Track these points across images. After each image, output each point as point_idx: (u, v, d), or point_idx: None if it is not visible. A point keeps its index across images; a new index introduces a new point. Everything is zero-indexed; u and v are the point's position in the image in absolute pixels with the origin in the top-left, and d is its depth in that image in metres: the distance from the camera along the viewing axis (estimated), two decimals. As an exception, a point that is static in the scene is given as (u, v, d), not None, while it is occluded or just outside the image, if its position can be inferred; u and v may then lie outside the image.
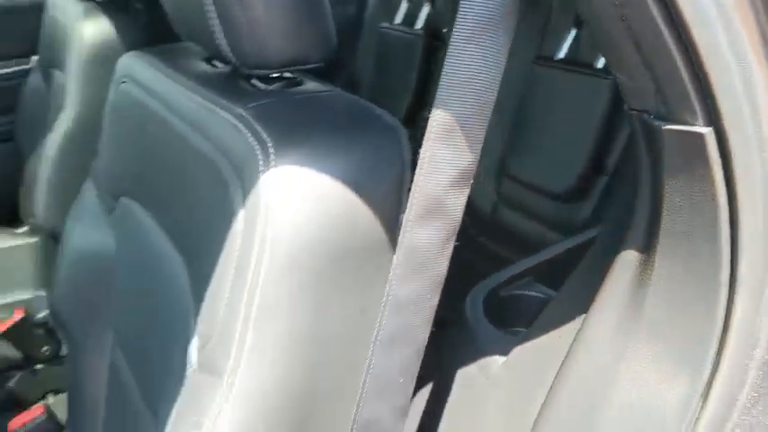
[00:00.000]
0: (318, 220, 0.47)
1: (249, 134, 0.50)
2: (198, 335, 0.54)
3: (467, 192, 0.41)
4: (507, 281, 0.79)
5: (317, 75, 0.65)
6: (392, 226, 0.47)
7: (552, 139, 1.36)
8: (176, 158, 0.64)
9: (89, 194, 0.89)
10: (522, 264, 0.82)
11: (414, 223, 0.40)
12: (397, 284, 0.42)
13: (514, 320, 0.72)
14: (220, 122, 0.55)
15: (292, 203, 0.46)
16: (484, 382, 0.61)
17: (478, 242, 1.59)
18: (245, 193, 0.49)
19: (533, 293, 0.76)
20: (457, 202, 0.41)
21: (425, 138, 0.39)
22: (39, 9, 1.64)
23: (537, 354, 0.55)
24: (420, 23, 1.63)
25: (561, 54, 1.34)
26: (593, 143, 1.21)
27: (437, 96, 0.37)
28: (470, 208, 1.57)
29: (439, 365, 0.69)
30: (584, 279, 0.48)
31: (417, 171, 0.40)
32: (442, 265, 0.43)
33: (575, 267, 0.56)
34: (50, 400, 1.29)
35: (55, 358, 1.32)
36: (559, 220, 1.27)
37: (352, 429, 0.46)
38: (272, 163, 0.47)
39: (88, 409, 0.89)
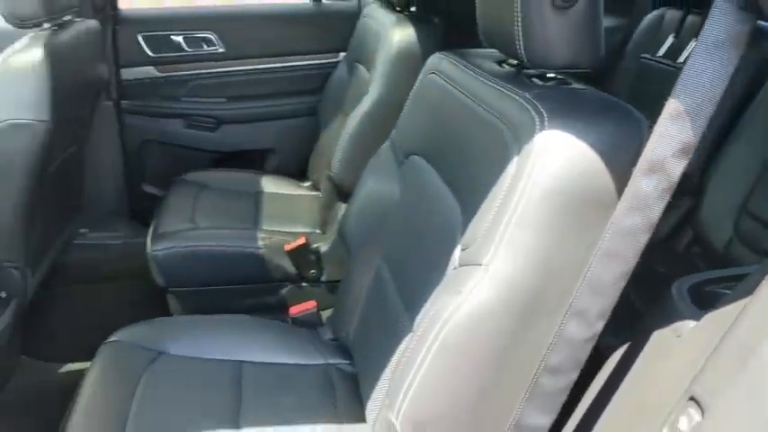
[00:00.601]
0: (571, 169, 0.66)
1: (531, 109, 0.72)
2: (461, 244, 0.78)
3: (684, 162, 0.57)
4: (716, 279, 0.89)
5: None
6: (624, 185, 0.61)
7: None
8: (465, 127, 0.89)
9: (385, 153, 1.21)
10: (735, 270, 0.91)
11: (640, 175, 0.57)
12: (619, 216, 0.59)
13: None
14: (508, 101, 0.78)
15: (555, 155, 0.67)
16: (674, 340, 0.74)
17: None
18: (520, 147, 0.70)
19: (738, 295, 0.85)
20: (675, 167, 0.57)
21: (660, 116, 0.56)
22: (354, 16, 2.08)
23: (722, 318, 0.67)
24: (683, 57, 1.70)
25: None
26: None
27: (674, 87, 0.54)
28: (703, 242, 1.60)
29: (638, 328, 0.83)
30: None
31: (650, 140, 0.57)
32: (655, 212, 0.59)
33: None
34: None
35: (316, 281, 1.70)
36: (791, 261, 1.27)
37: (565, 313, 0.64)
38: (546, 127, 0.68)
39: (350, 306, 1.21)
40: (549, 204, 0.67)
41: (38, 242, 1.64)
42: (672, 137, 0.55)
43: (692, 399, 0.62)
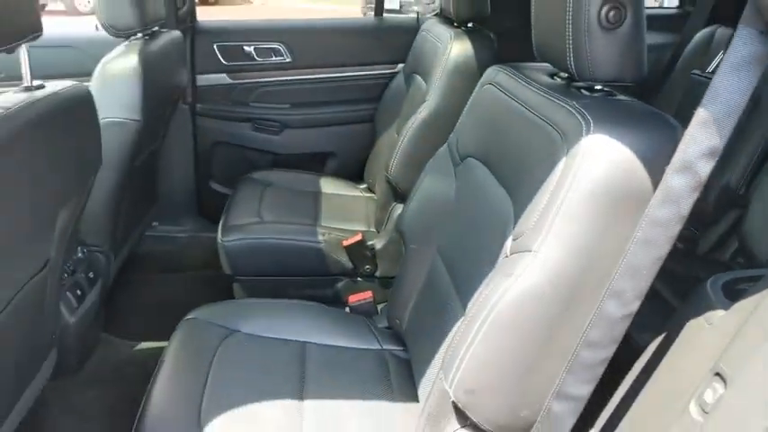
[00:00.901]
0: (613, 170, 0.76)
1: (579, 116, 0.82)
2: (513, 235, 0.88)
3: (712, 163, 0.65)
4: (748, 278, 0.96)
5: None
6: (659, 183, 0.67)
7: None
8: (519, 132, 0.99)
9: (442, 155, 1.32)
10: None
11: (672, 173, 0.66)
12: (653, 209, 0.68)
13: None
14: (558, 109, 0.88)
15: (599, 157, 0.76)
16: (706, 326, 0.82)
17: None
18: (568, 150, 0.80)
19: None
20: (703, 168, 0.65)
21: (690, 123, 0.65)
22: (413, 30, 2.21)
23: (748, 305, 0.75)
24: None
25: None
26: None
27: (703, 98, 0.63)
28: (747, 253, 1.66)
29: (672, 318, 0.91)
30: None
31: (681, 143, 0.66)
32: (684, 206, 0.66)
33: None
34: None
35: (371, 276, 1.82)
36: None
37: (604, 294, 0.73)
38: (592, 131, 0.78)
39: (404, 296, 1.31)
40: (594, 200, 0.77)
41: (121, 230, 1.82)
42: (700, 141, 0.64)
43: (717, 374, 0.71)
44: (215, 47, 2.25)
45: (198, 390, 1.14)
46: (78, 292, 1.57)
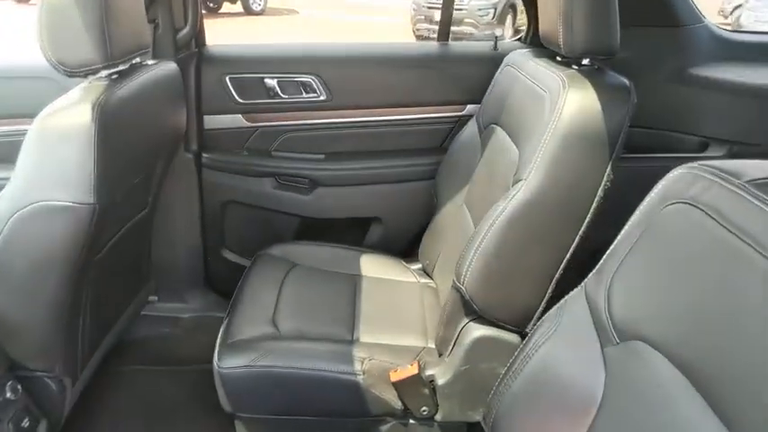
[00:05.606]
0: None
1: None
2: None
3: None
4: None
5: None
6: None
7: None
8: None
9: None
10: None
11: None
12: None
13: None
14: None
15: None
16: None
17: None
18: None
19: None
20: None
21: None
22: (490, 61, 1.66)
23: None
24: None
25: None
26: None
27: None
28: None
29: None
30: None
31: None
32: None
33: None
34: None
35: (428, 419, 1.25)
36: None
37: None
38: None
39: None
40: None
41: (86, 339, 1.31)
42: None
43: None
44: (227, 80, 1.73)
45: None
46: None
